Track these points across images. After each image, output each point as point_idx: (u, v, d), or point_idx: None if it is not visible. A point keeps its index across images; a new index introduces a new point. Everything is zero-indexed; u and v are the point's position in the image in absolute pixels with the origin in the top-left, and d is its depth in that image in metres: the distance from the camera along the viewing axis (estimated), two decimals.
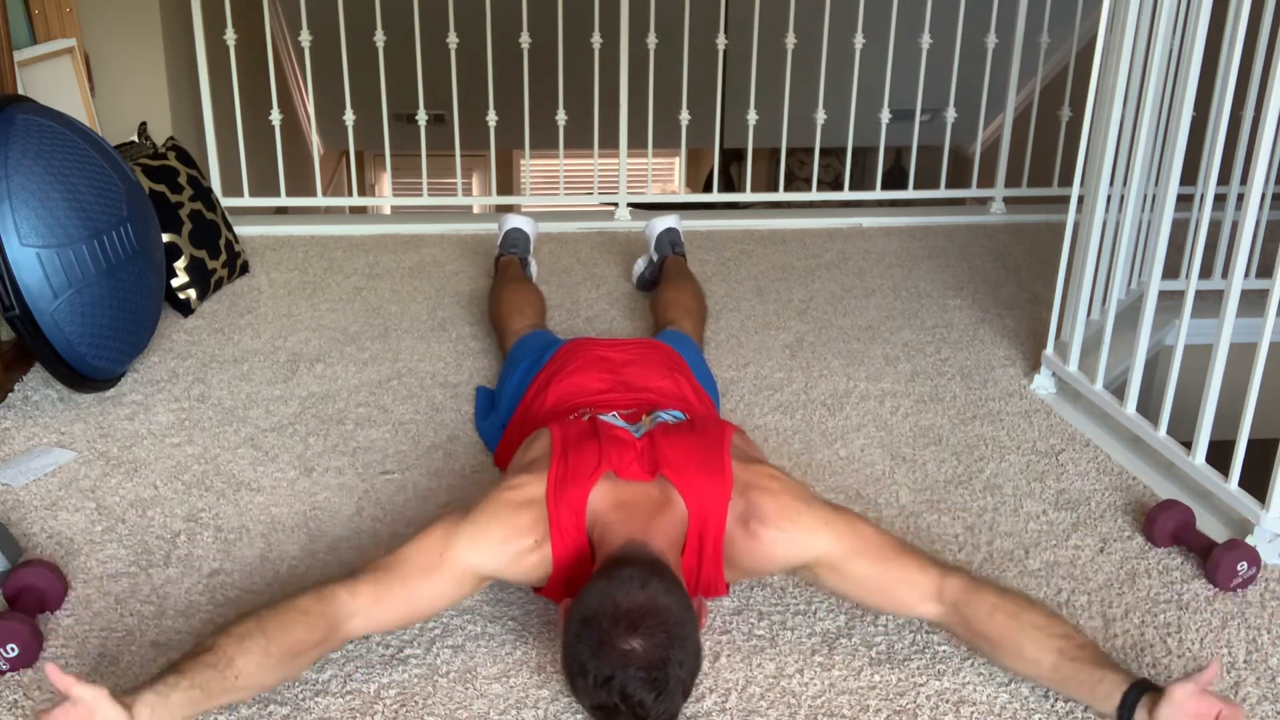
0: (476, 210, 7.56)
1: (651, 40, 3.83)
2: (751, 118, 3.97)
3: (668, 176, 9.15)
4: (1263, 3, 2.53)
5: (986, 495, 2.23)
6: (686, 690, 1.49)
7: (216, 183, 3.70)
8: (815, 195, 4.19)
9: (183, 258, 3.02)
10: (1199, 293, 2.40)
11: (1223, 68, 2.28)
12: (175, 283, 2.99)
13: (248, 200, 3.80)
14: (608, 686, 1.42)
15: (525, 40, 3.85)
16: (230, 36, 3.60)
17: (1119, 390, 2.47)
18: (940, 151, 4.11)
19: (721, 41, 3.94)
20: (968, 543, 2.07)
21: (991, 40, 3.89)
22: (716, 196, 4.21)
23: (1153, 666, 1.75)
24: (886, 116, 4.03)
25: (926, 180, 4.21)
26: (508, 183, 8.95)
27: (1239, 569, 1.92)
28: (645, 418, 1.94)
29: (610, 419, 1.92)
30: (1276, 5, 2.56)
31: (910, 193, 4.14)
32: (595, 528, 1.66)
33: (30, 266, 2.27)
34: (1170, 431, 2.29)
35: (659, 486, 1.71)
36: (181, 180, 3.14)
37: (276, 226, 3.74)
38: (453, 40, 3.72)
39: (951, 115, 4.06)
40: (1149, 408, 2.44)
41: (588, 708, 1.49)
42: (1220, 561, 1.92)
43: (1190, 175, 2.57)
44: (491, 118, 3.88)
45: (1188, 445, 2.21)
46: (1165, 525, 2.04)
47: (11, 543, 1.88)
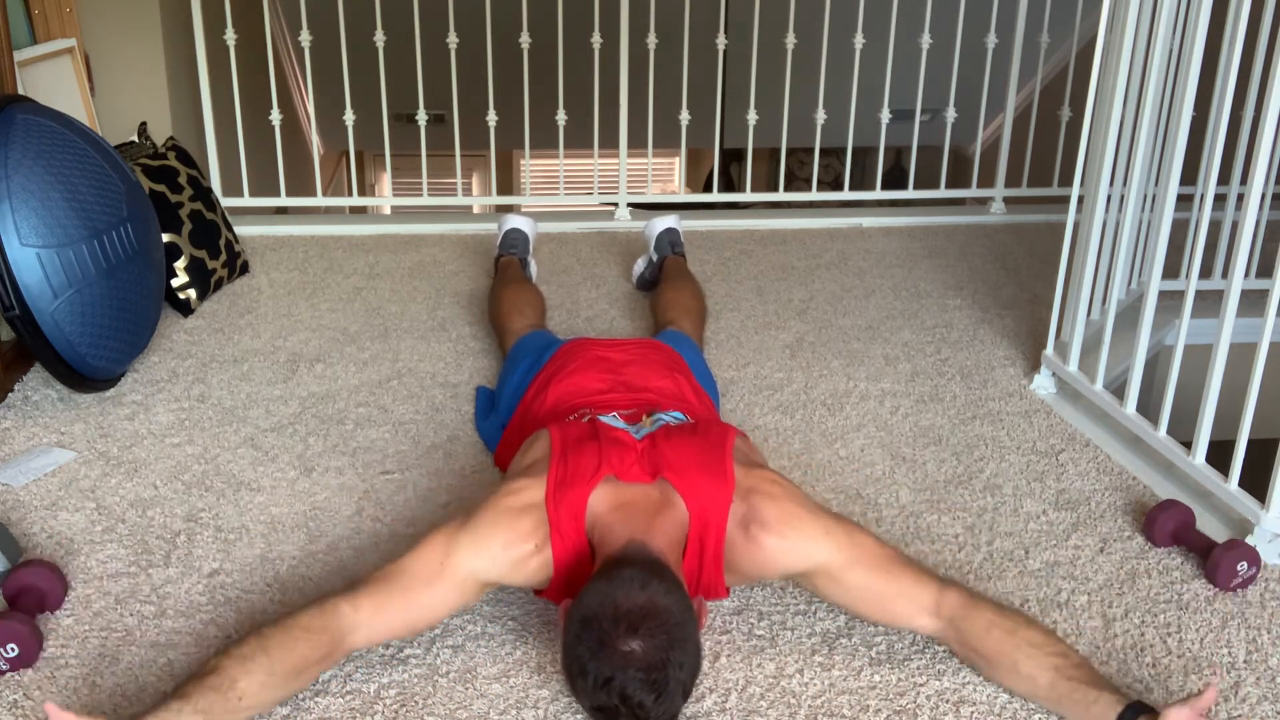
0: (476, 210, 7.56)
1: (651, 40, 3.83)
2: (751, 118, 3.97)
3: (668, 176, 9.15)
4: (1263, 3, 2.53)
5: (986, 495, 2.23)
6: (687, 691, 1.49)
7: (216, 183, 3.70)
8: (815, 195, 4.19)
9: (183, 258, 3.02)
10: (1199, 293, 2.40)
11: (1223, 68, 2.28)
12: (175, 283, 2.99)
13: (248, 200, 3.80)
14: (608, 688, 1.42)
15: (525, 40, 3.85)
16: (230, 36, 3.60)
17: (1119, 390, 2.47)
18: (940, 151, 4.11)
19: (721, 41, 3.94)
20: (968, 543, 2.07)
21: (991, 40, 3.89)
22: (716, 196, 4.20)
23: (1153, 667, 1.75)
24: (886, 116, 4.03)
25: (926, 180, 4.21)
26: (508, 183, 8.95)
27: (1239, 569, 1.92)
28: (645, 418, 1.94)
29: (610, 420, 1.92)
30: (1277, 5, 2.56)
31: (910, 193, 4.14)
32: (595, 529, 1.66)
33: (30, 266, 2.27)
34: (1170, 431, 2.29)
35: (660, 488, 1.71)
36: (181, 180, 3.14)
37: (276, 226, 3.74)
38: (453, 40, 3.72)
39: (951, 115, 4.06)
40: (1149, 408, 2.44)
41: (587, 708, 1.49)
42: (1220, 561, 1.92)
43: (1190, 175, 2.57)
44: (491, 118, 3.88)
45: (1188, 445, 2.21)
46: (1165, 525, 2.04)
47: (11, 543, 1.88)
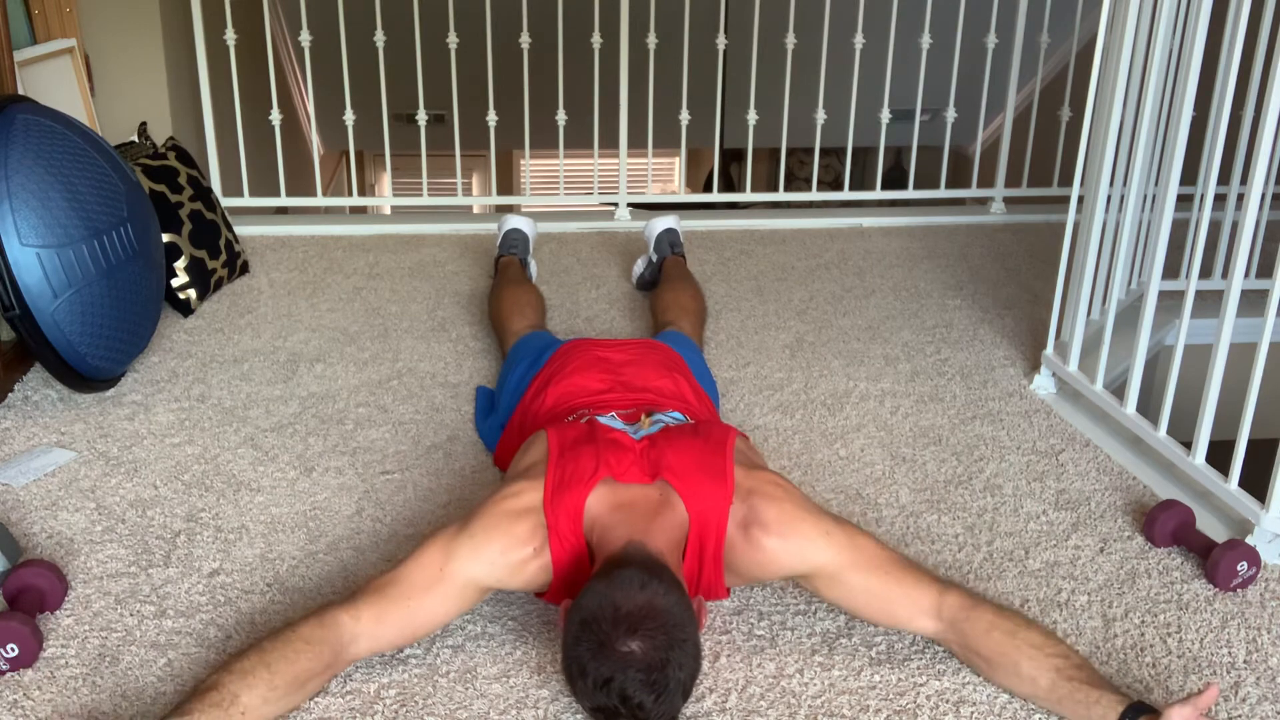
0: (476, 210, 7.56)
1: (651, 40, 3.83)
2: (751, 118, 3.97)
3: (668, 176, 9.15)
4: (1263, 3, 2.53)
5: (986, 495, 2.23)
6: (686, 691, 1.49)
7: (216, 183, 3.70)
8: (815, 195, 4.19)
9: (183, 258, 3.02)
10: (1199, 293, 2.41)
11: (1223, 68, 2.28)
12: (175, 283, 2.99)
13: (248, 200, 3.80)
14: (607, 688, 1.42)
15: (525, 40, 3.85)
16: (230, 36, 3.60)
17: (1119, 390, 2.47)
18: (940, 151, 4.11)
19: (721, 41, 3.94)
20: (968, 543, 2.07)
21: (991, 40, 3.89)
22: (716, 196, 4.20)
23: (1153, 666, 1.75)
24: (886, 116, 4.03)
25: (926, 180, 4.21)
26: (508, 183, 8.95)
27: (1239, 569, 1.92)
28: (644, 418, 1.94)
29: (608, 420, 1.92)
30: (1277, 5, 2.56)
31: (910, 193, 4.14)
32: (594, 531, 1.66)
33: (30, 266, 2.27)
34: (1170, 431, 2.29)
35: (659, 489, 1.71)
36: (181, 180, 3.14)
37: (276, 226, 3.74)
38: (453, 40, 3.72)
39: (951, 115, 4.06)
40: (1149, 408, 2.44)
41: (587, 709, 1.49)
42: (1220, 561, 1.92)
43: (1190, 175, 2.57)
44: (491, 118, 3.88)
45: (1188, 445, 2.21)
46: (1165, 525, 2.04)
47: (11, 543, 1.88)
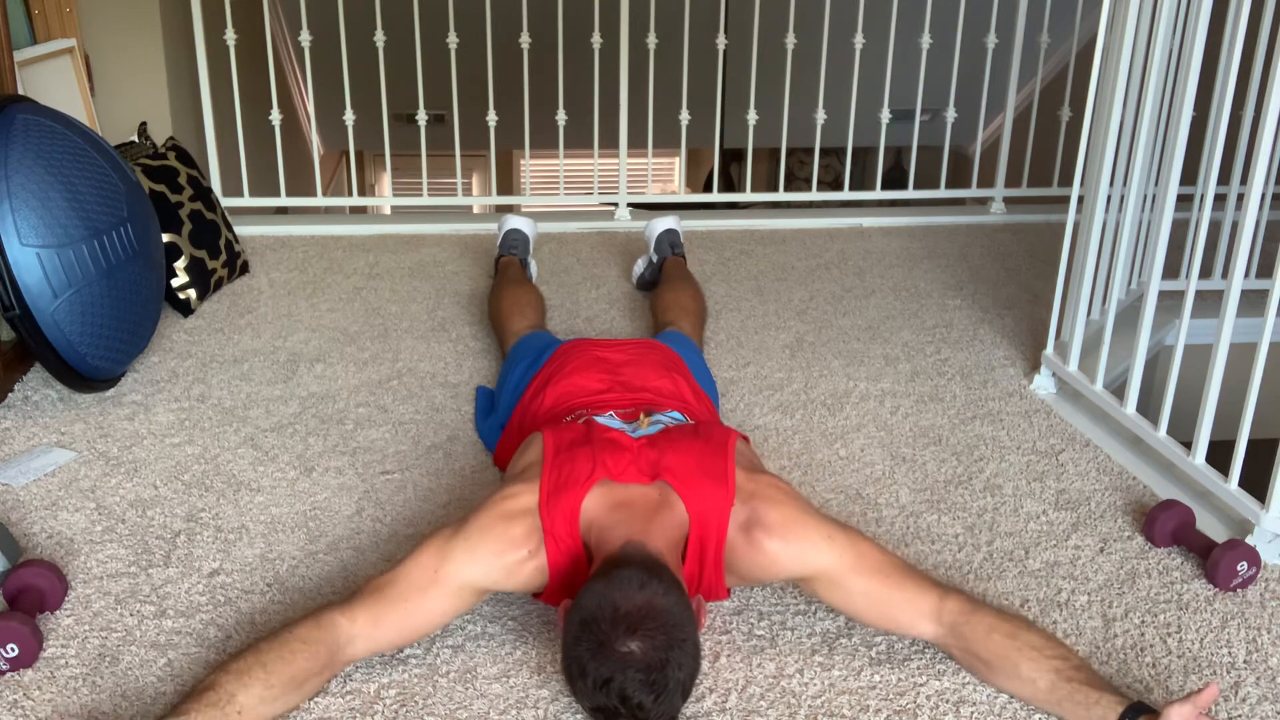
0: (476, 210, 7.56)
1: (651, 40, 3.83)
2: (751, 118, 3.97)
3: (668, 176, 9.15)
4: (1263, 3, 2.53)
5: (986, 495, 2.23)
6: (686, 691, 1.49)
7: (216, 183, 3.70)
8: (815, 195, 4.19)
9: (183, 258, 3.02)
10: (1199, 293, 2.41)
11: (1223, 68, 2.28)
12: (175, 283, 2.99)
13: (248, 200, 3.80)
14: (607, 688, 1.42)
15: (525, 40, 3.85)
16: (230, 36, 3.60)
17: (1119, 390, 2.47)
18: (940, 151, 4.11)
19: (721, 41, 3.94)
20: (968, 543, 2.07)
21: (991, 40, 3.89)
22: (716, 196, 4.20)
23: (1153, 666, 1.75)
24: (886, 116, 4.03)
25: (926, 180, 4.21)
26: (508, 183, 8.95)
27: (1239, 569, 1.92)
28: (643, 418, 1.94)
29: (606, 420, 1.92)
30: (1277, 5, 2.56)
31: (910, 193, 4.14)
32: (591, 531, 1.66)
33: (30, 266, 2.27)
34: (1170, 431, 2.29)
35: (659, 489, 1.71)
36: (181, 180, 3.14)
37: (276, 226, 3.74)
38: (453, 40, 3.72)
39: (951, 115, 4.06)
40: (1149, 408, 2.44)
41: (587, 709, 1.49)
42: (1220, 561, 1.92)
43: (1190, 175, 2.57)
44: (491, 118, 3.88)
45: (1188, 445, 2.21)
46: (1165, 525, 2.04)
47: (11, 543, 1.88)
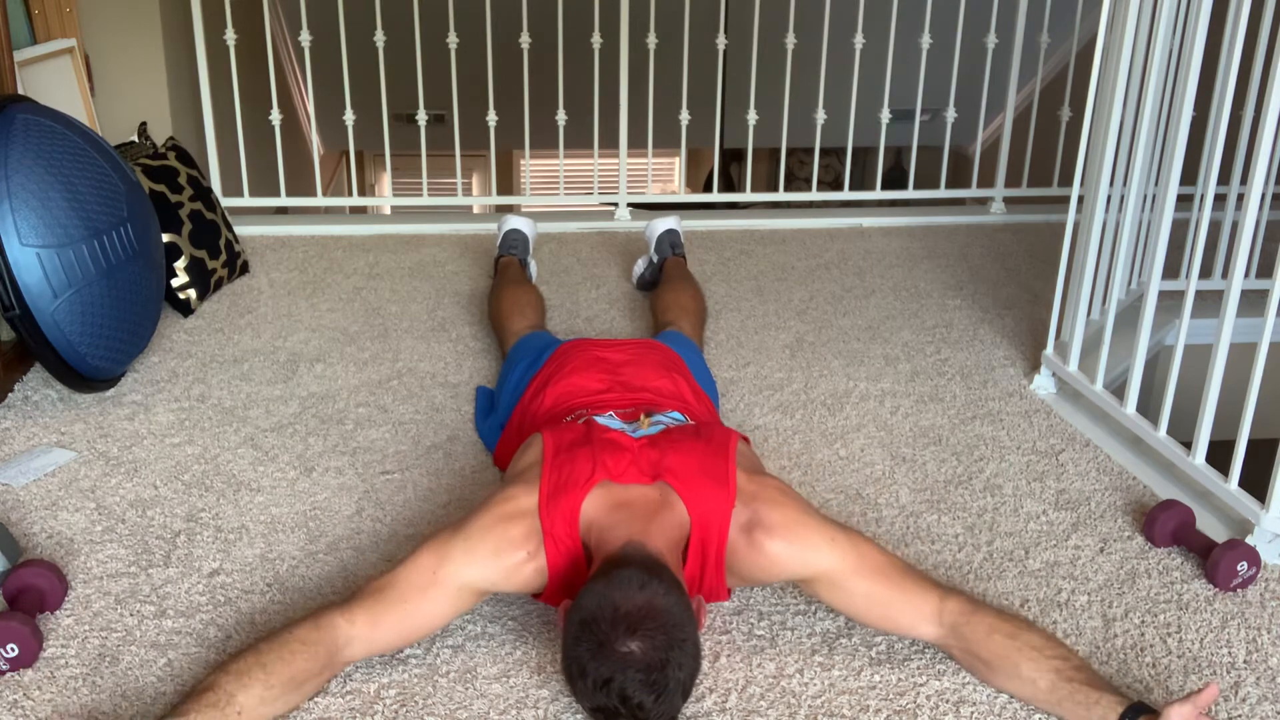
0: (476, 210, 7.56)
1: (651, 40, 3.83)
2: (751, 118, 3.97)
3: (668, 176, 9.15)
4: (1263, 3, 2.53)
5: (986, 495, 2.23)
6: (686, 691, 1.49)
7: (216, 183, 3.70)
8: (815, 195, 4.19)
9: (183, 258, 3.02)
10: (1199, 293, 2.41)
11: (1223, 68, 2.28)
12: (175, 283, 2.99)
13: (248, 200, 3.80)
14: (607, 688, 1.42)
15: (525, 40, 3.85)
16: (230, 36, 3.60)
17: (1119, 390, 2.47)
18: (940, 151, 4.11)
19: (721, 41, 3.94)
20: (968, 543, 2.07)
21: (991, 40, 3.89)
22: (716, 196, 4.20)
23: (1153, 666, 1.75)
24: (886, 116, 4.03)
25: (926, 180, 4.21)
26: (508, 183, 8.95)
27: (1239, 569, 1.92)
28: (644, 418, 1.94)
29: (607, 420, 1.92)
30: (1277, 5, 2.56)
31: (910, 193, 4.14)
32: (591, 532, 1.66)
33: (30, 266, 2.27)
34: (1170, 431, 2.29)
35: (659, 490, 1.71)
36: (181, 180, 3.14)
37: (276, 226, 3.74)
38: (453, 40, 3.72)
39: (951, 115, 4.06)
40: (1149, 408, 2.44)
41: (587, 709, 1.49)
42: (1220, 561, 1.92)
43: (1190, 175, 2.57)
44: (491, 118, 3.88)
45: (1188, 445, 2.21)
46: (1165, 525, 2.04)
47: (11, 543, 1.88)
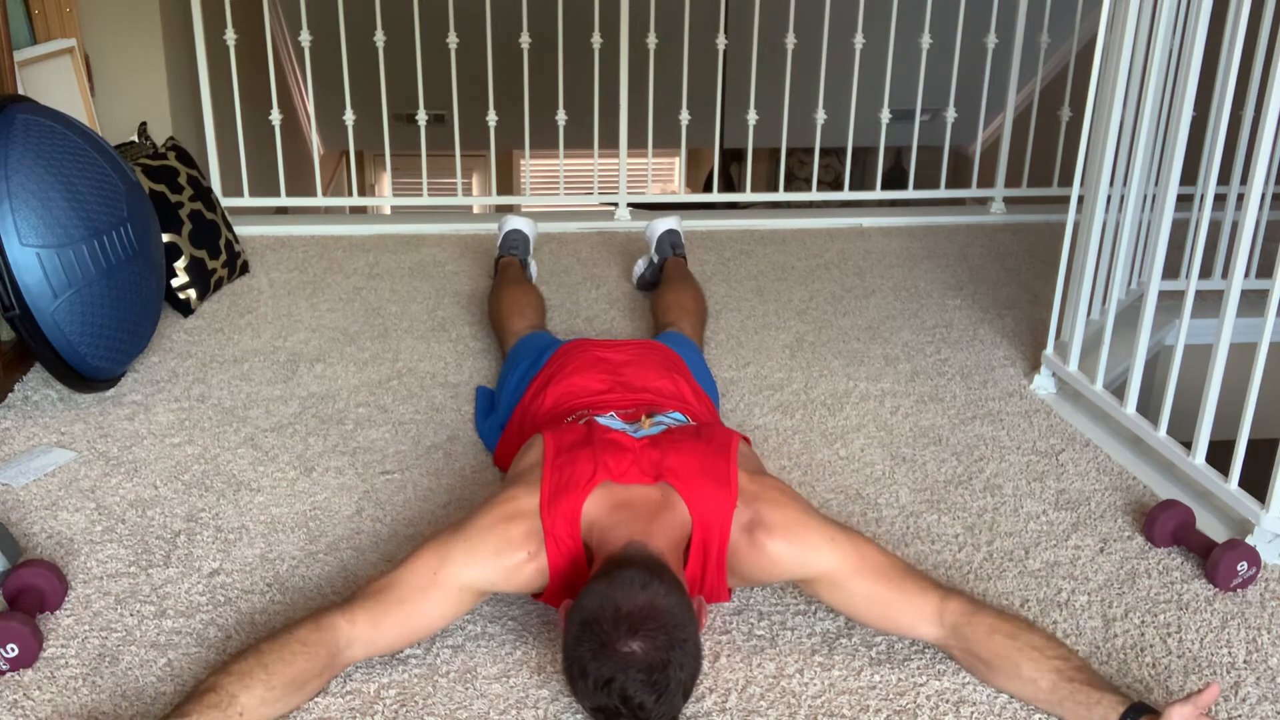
0: (476, 210, 7.56)
1: (651, 40, 3.83)
2: (751, 118, 3.97)
3: (668, 176, 9.15)
4: (1263, 3, 2.53)
5: (986, 495, 2.23)
6: (687, 692, 1.49)
7: (216, 183, 3.70)
8: (815, 195, 4.19)
9: (183, 258, 3.02)
10: (1199, 293, 2.41)
11: (1223, 68, 2.28)
12: (175, 283, 2.99)
13: (248, 200, 3.80)
14: (608, 689, 1.42)
15: (525, 40, 3.85)
16: (230, 36, 3.60)
17: (1119, 390, 2.47)
18: (940, 151, 4.11)
19: (721, 41, 3.94)
20: (968, 543, 2.07)
21: (991, 40, 3.89)
22: (716, 196, 4.20)
23: (1153, 666, 1.75)
24: (886, 116, 4.03)
25: (926, 180, 4.21)
26: (508, 183, 8.95)
27: (1239, 569, 1.92)
28: (645, 419, 1.94)
29: (608, 420, 1.92)
30: (1277, 5, 2.56)
31: (910, 193, 4.14)
32: (592, 532, 1.66)
33: (30, 266, 2.27)
34: (1170, 431, 2.29)
35: (660, 490, 1.71)
36: (181, 180, 3.14)
37: (276, 226, 3.74)
38: (453, 40, 3.72)
39: (951, 115, 4.06)
40: (1149, 408, 2.44)
41: (588, 709, 1.49)
42: (1220, 561, 1.92)
43: (1190, 175, 2.57)
44: (491, 118, 3.88)
45: (1188, 445, 2.21)
46: (1165, 525, 2.04)
47: (11, 543, 1.88)
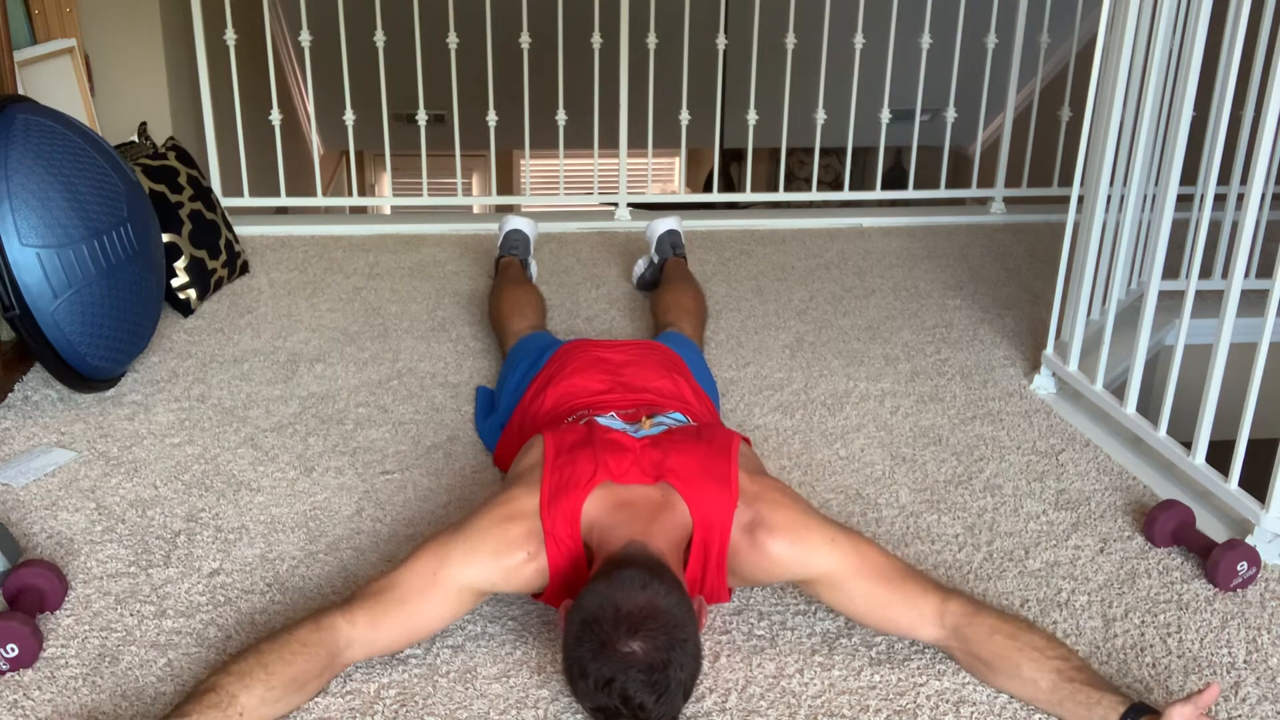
0: (476, 210, 7.56)
1: (651, 40, 3.83)
2: (751, 118, 3.97)
3: (668, 176, 9.15)
4: (1263, 3, 2.53)
5: (986, 495, 2.23)
6: (687, 692, 1.49)
7: (216, 183, 3.70)
8: (815, 195, 4.19)
9: (183, 258, 3.02)
10: (1199, 293, 2.41)
11: (1223, 68, 2.28)
12: (175, 283, 2.99)
13: (248, 200, 3.80)
14: (608, 689, 1.42)
15: (525, 40, 3.85)
16: (230, 36, 3.60)
17: (1119, 390, 2.47)
18: (940, 151, 4.11)
19: (721, 41, 3.94)
20: (968, 543, 2.07)
21: (991, 40, 3.89)
22: (716, 196, 4.20)
23: (1153, 667, 1.75)
24: (886, 116, 4.03)
25: (926, 180, 4.21)
26: (508, 183, 8.95)
27: (1239, 569, 1.92)
28: (645, 419, 1.94)
29: (608, 420, 1.92)
30: (1277, 5, 2.56)
31: (910, 193, 4.14)
32: (593, 533, 1.66)
33: (30, 266, 2.27)
34: (1170, 431, 2.29)
35: (661, 490, 1.71)
36: (181, 180, 3.14)
37: (276, 226, 3.74)
38: (453, 40, 3.72)
39: (951, 115, 4.06)
40: (1149, 408, 2.44)
41: (588, 709, 1.49)
42: (1220, 561, 1.92)
43: (1190, 175, 2.57)
44: (491, 118, 3.88)
45: (1188, 445, 2.21)
46: (1165, 525, 2.04)
47: (11, 543, 1.88)
